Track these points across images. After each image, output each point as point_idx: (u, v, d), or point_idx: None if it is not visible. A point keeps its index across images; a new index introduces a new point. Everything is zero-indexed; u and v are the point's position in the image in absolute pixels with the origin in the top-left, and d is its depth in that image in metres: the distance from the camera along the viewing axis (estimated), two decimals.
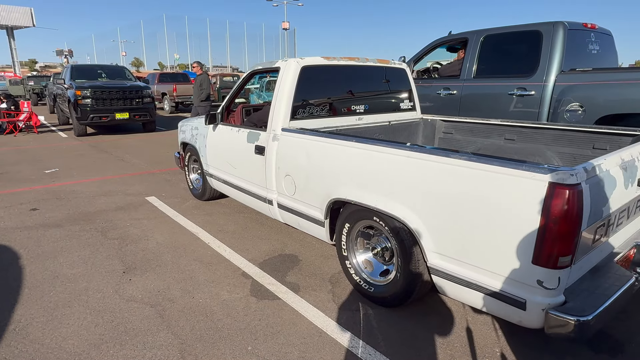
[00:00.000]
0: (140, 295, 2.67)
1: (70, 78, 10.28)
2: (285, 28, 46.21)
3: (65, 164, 6.80)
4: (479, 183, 1.86)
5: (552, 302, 1.74)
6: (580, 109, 3.92)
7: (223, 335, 2.25)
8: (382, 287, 2.50)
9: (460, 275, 2.01)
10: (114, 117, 9.68)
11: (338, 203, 2.69)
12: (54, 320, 2.40)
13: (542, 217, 1.66)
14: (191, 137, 4.50)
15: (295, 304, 2.56)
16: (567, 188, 1.61)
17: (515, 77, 4.44)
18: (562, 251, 1.66)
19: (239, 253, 3.31)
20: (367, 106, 3.69)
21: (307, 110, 3.27)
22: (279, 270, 3.02)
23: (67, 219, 4.12)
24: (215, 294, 2.68)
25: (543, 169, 1.68)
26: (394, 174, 2.22)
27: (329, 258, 3.21)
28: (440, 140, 4.07)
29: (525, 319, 1.83)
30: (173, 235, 3.70)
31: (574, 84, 4.00)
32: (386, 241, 2.52)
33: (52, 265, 3.11)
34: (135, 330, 2.29)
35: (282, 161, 3.06)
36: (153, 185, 5.42)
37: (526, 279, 1.76)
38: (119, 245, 3.47)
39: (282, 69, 3.20)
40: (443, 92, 5.12)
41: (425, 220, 2.10)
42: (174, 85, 15.85)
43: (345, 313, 2.46)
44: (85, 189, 5.27)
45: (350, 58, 3.55)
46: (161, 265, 3.10)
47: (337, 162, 2.58)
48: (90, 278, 2.90)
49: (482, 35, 4.80)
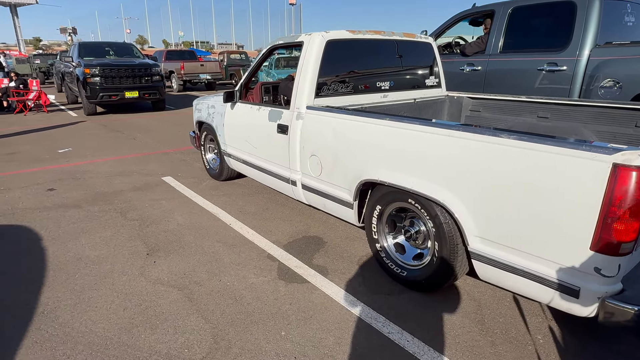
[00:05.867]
0: (167, 277, 2.62)
1: (78, 56, 10.10)
2: (292, 3, 45.16)
3: (77, 144, 6.73)
4: (530, 164, 1.74)
5: (609, 290, 1.64)
6: (616, 85, 3.73)
7: (255, 319, 2.20)
8: (416, 270, 2.42)
9: (505, 260, 1.92)
10: (123, 96, 9.55)
11: (367, 184, 2.59)
12: (82, 303, 2.36)
13: (605, 202, 1.55)
14: (207, 116, 4.38)
15: (325, 287, 2.50)
16: (635, 170, 1.49)
17: (545, 52, 4.23)
18: (625, 237, 1.55)
19: (262, 235, 3.24)
20: (392, 83, 3.54)
21: (332, 87, 3.13)
22: (304, 252, 2.95)
23: (85, 200, 4.07)
24: (243, 277, 2.63)
25: (607, 149, 1.55)
26: (434, 155, 2.10)
27: (355, 240, 3.13)
28: (467, 119, 3.91)
29: (576, 307, 1.74)
30: (193, 216, 3.64)
31: (610, 58, 3.79)
32: (420, 224, 2.42)
33: (74, 246, 3.07)
34: (165, 314, 2.25)
35: (307, 141, 2.94)
36: (168, 165, 5.35)
37: (582, 266, 1.66)
38: (139, 226, 3.42)
39: (305, 43, 3.04)
40: (467, 67, 4.91)
41: (467, 204, 2.00)
42: (181, 62, 15.59)
43: (378, 297, 2.39)
44: (100, 168, 5.21)
45: (376, 32, 3.38)
46: (184, 247, 3.04)
47: (368, 142, 2.46)
48: (114, 260, 2.86)
49: (510, 7, 4.55)
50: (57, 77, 14.60)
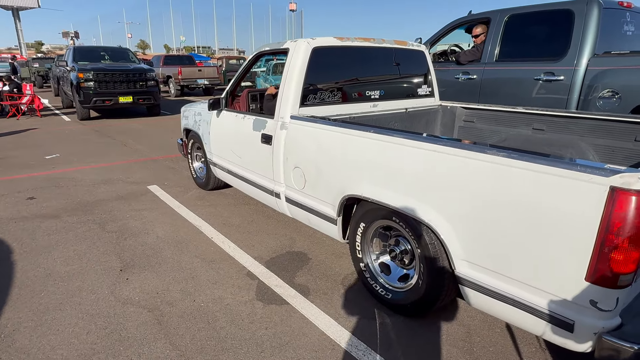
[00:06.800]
0: (137, 297, 2.47)
1: (72, 60, 10.01)
2: (292, 9, 45.29)
3: (66, 150, 6.60)
4: (521, 185, 1.60)
5: (606, 326, 1.49)
6: (615, 97, 3.60)
7: (226, 346, 2.04)
8: (401, 293, 2.26)
9: (493, 287, 1.77)
10: (117, 101, 9.43)
11: (352, 200, 2.44)
12: (43, 325, 2.20)
13: (601, 228, 1.40)
14: (194, 124, 4.25)
15: (305, 309, 2.34)
16: (634, 194, 1.35)
17: (542, 61, 4.10)
18: (623, 268, 1.40)
19: (244, 250, 3.09)
20: (383, 92, 3.40)
21: (318, 96, 3.00)
22: (287, 270, 2.80)
23: (64, 209, 3.92)
24: (219, 297, 2.47)
25: (604, 171, 1.41)
26: (419, 171, 1.96)
27: (341, 257, 2.98)
28: (461, 130, 3.78)
29: (570, 341, 1.59)
30: (174, 228, 3.49)
31: (609, 68, 3.66)
32: (406, 243, 2.28)
33: (45, 261, 2.92)
34: (131, 339, 2.09)
35: (290, 152, 2.81)
36: (156, 173, 5.21)
37: (577, 299, 1.51)
38: (117, 239, 3.27)
39: (291, 50, 2.91)
40: (462, 76, 4.78)
41: (454, 224, 1.85)
42: (179, 67, 15.49)
43: (360, 322, 2.23)
44: (85, 176, 5.07)
45: (365, 39, 3.25)
46: (161, 263, 2.89)
47: (352, 156, 2.32)
48: (84, 276, 2.70)
49: (507, 15, 4.43)
50: (54, 81, 14.51)
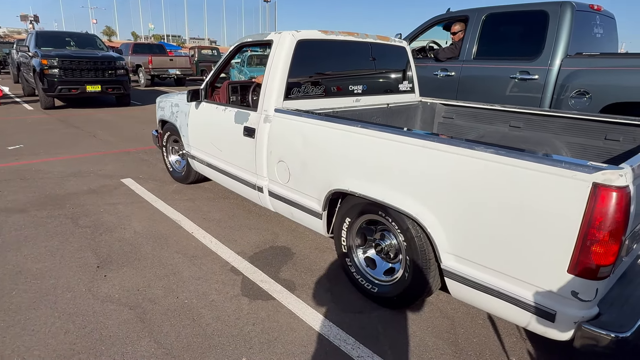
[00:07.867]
0: (117, 294, 2.39)
1: (35, 45, 9.47)
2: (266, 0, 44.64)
3: (30, 140, 6.26)
4: (506, 180, 1.65)
5: (586, 315, 1.57)
6: (585, 96, 3.76)
7: (213, 343, 2.01)
8: (387, 287, 2.30)
9: (478, 280, 1.82)
10: (84, 90, 9.01)
11: (337, 194, 2.45)
12: (16, 325, 2.10)
13: (583, 223, 1.47)
14: (171, 115, 4.12)
15: (292, 305, 2.34)
16: (615, 190, 1.42)
17: (518, 60, 4.22)
18: (603, 260, 1.48)
19: (226, 245, 3.04)
20: (366, 86, 3.42)
21: (302, 89, 2.97)
22: (271, 265, 2.78)
23: (32, 203, 3.73)
24: (203, 293, 2.43)
25: (587, 167, 1.47)
26: (406, 166, 1.98)
27: (325, 251, 2.99)
28: (440, 126, 3.85)
29: (552, 331, 1.66)
30: (152, 223, 3.39)
31: (580, 69, 3.82)
32: (392, 238, 2.31)
33: (14, 258, 2.77)
34: (113, 338, 2.02)
35: (274, 145, 2.78)
36: (129, 165, 5.03)
37: (559, 290, 1.58)
38: (91, 235, 3.15)
39: (275, 42, 2.87)
40: (441, 73, 4.87)
41: (440, 217, 1.89)
42: (149, 56, 14.97)
43: (347, 316, 2.25)
44: (53, 168, 4.83)
45: (349, 33, 3.24)
46: (140, 259, 2.81)
47: (339, 149, 2.32)
48: (59, 274, 2.59)
49: (484, 14, 4.54)
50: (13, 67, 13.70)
